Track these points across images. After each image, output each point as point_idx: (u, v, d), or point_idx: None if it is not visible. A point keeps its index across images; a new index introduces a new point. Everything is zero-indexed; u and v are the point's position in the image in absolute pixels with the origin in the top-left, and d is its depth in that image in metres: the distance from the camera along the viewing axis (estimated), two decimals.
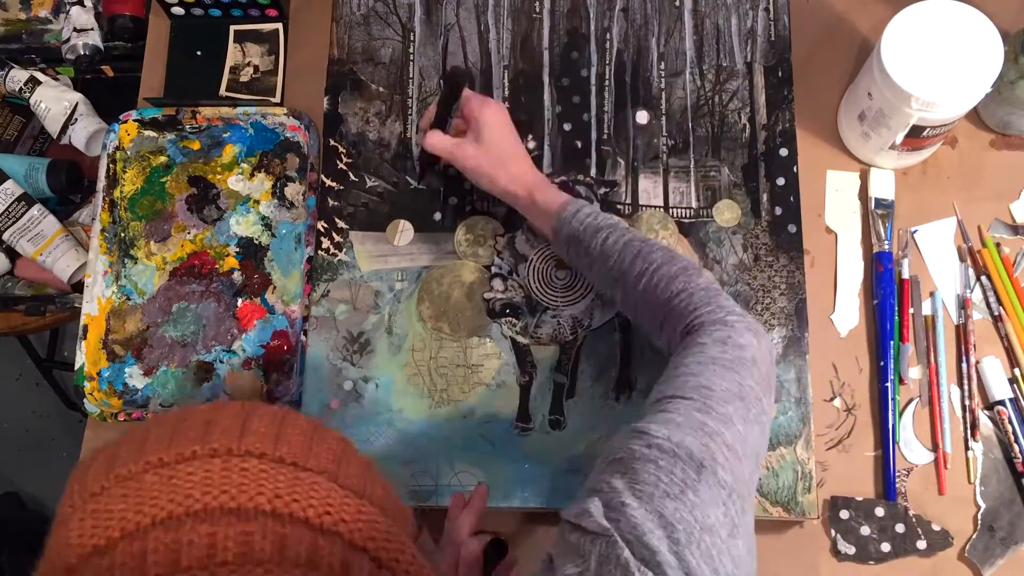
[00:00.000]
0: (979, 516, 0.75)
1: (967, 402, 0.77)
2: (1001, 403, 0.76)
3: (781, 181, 0.82)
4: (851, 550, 0.75)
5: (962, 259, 0.81)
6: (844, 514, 0.75)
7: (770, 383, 0.58)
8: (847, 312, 0.81)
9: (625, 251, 0.65)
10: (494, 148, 0.72)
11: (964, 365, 0.78)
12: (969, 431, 0.77)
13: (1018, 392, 0.77)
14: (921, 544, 0.74)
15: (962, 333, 0.79)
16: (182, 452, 0.35)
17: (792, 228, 0.81)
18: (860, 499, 0.75)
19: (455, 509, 0.71)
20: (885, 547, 0.74)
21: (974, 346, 0.78)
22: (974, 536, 0.75)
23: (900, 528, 0.74)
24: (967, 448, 0.77)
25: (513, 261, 0.81)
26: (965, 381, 0.78)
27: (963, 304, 0.80)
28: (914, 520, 0.75)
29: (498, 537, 0.71)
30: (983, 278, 0.80)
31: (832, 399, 0.79)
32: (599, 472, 0.52)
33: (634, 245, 0.65)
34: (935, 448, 0.77)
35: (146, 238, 0.86)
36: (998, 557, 0.74)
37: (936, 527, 0.75)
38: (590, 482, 0.52)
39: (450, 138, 0.74)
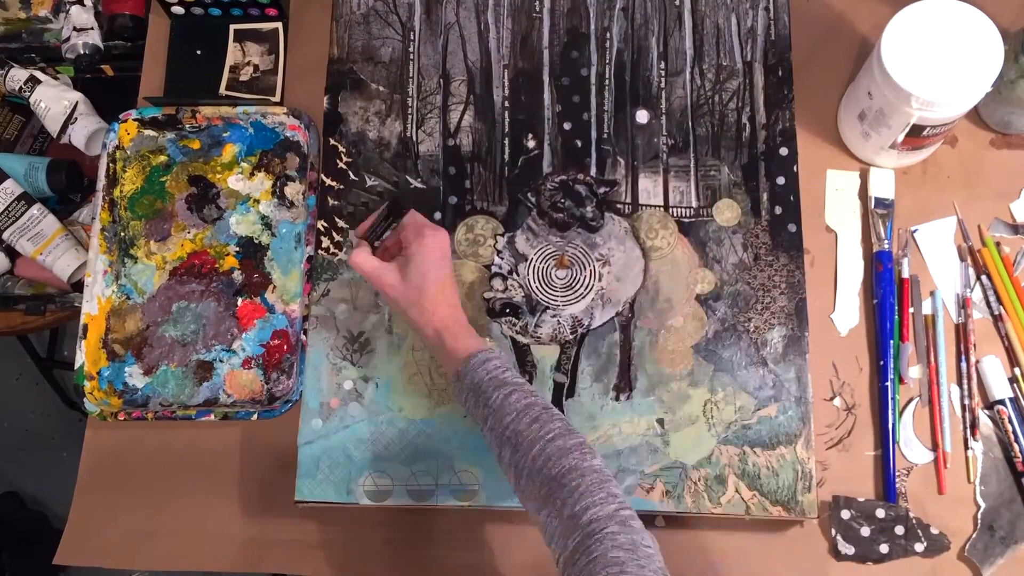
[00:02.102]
0: (979, 515, 0.75)
1: (967, 401, 0.77)
2: (1001, 402, 0.76)
3: (781, 180, 0.82)
4: (851, 550, 0.74)
5: (962, 258, 0.81)
6: (845, 514, 0.75)
7: None
8: (847, 311, 0.81)
9: (525, 412, 0.63)
10: (416, 281, 0.68)
11: (964, 365, 0.78)
12: (969, 430, 0.77)
13: (1018, 392, 0.77)
14: (919, 547, 0.74)
15: (962, 332, 0.79)
16: None
17: (792, 227, 0.81)
18: (862, 499, 0.75)
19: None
20: (883, 548, 0.74)
21: (974, 345, 0.78)
22: (974, 535, 0.75)
23: (900, 530, 0.74)
24: (967, 447, 0.77)
25: (513, 261, 0.81)
26: (965, 380, 0.78)
27: (963, 303, 0.80)
28: (914, 522, 0.75)
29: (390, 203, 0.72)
30: (983, 277, 0.80)
31: (832, 398, 0.79)
32: None
33: (535, 409, 0.63)
34: (935, 448, 0.77)
35: (146, 237, 0.86)
36: (998, 556, 0.74)
37: (935, 531, 0.75)
38: None
39: (376, 261, 0.70)
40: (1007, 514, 0.75)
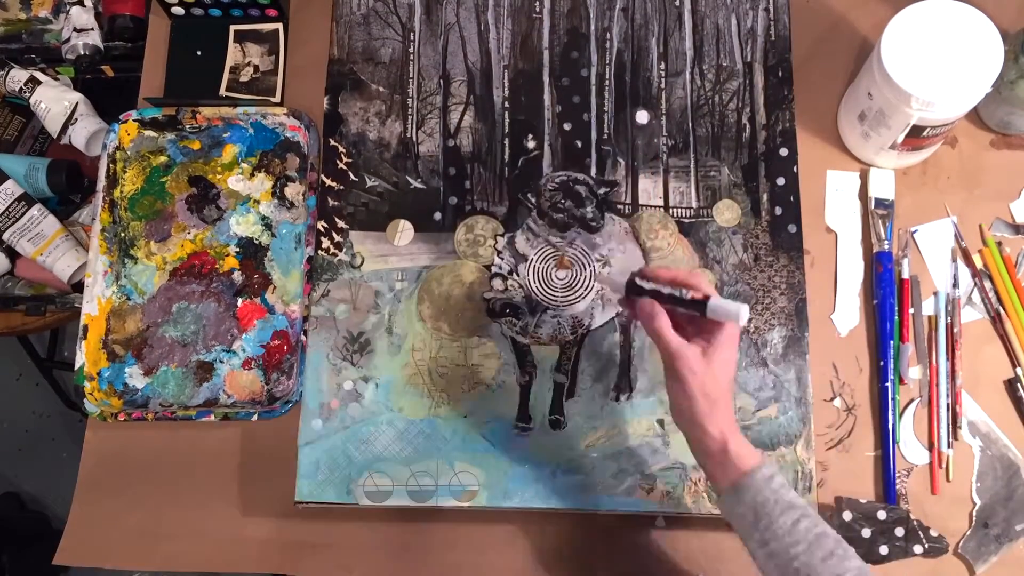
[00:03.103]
0: (974, 512, 0.75)
1: (948, 400, 0.77)
2: None
3: (781, 181, 0.82)
4: None
5: (953, 259, 0.81)
6: (847, 516, 0.75)
7: None
8: (847, 312, 0.81)
9: (818, 545, 0.58)
10: (718, 369, 0.61)
11: (948, 364, 0.78)
12: (950, 430, 0.76)
13: (1019, 392, 0.77)
14: (918, 549, 0.74)
15: (948, 333, 0.79)
16: None
17: (792, 228, 0.81)
18: (864, 501, 0.75)
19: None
20: (883, 550, 0.74)
21: (960, 346, 0.78)
22: (968, 532, 0.75)
23: (900, 532, 0.74)
24: (947, 446, 0.76)
25: (513, 261, 0.81)
26: (947, 380, 0.78)
27: (952, 303, 0.79)
28: (915, 524, 0.75)
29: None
30: (984, 278, 0.80)
31: (832, 399, 0.79)
32: None
33: (828, 542, 0.58)
34: (930, 447, 0.77)
35: (146, 238, 0.86)
36: (992, 554, 0.74)
37: (935, 533, 0.74)
38: None
39: (680, 337, 0.62)
40: (1003, 511, 0.75)
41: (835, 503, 0.76)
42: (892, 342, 0.78)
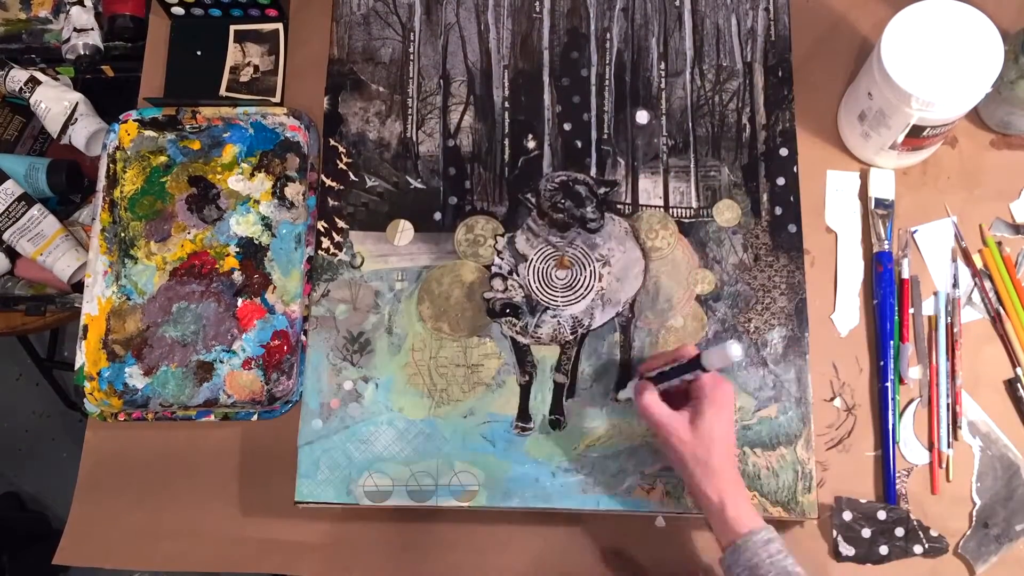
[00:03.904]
0: (974, 512, 0.75)
1: (948, 401, 0.77)
2: None
3: (781, 181, 0.82)
4: (851, 552, 0.74)
5: (953, 259, 0.81)
6: (847, 516, 0.75)
7: None
8: (847, 312, 0.81)
9: None
10: (706, 435, 0.65)
11: (948, 364, 0.78)
12: (951, 430, 0.77)
13: (1019, 392, 0.77)
14: (918, 549, 0.74)
15: (948, 333, 0.79)
16: None
17: (792, 228, 0.81)
18: (864, 501, 0.75)
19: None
20: (883, 550, 0.74)
21: (960, 346, 0.78)
22: (968, 532, 0.75)
23: (900, 532, 0.74)
24: (947, 446, 0.76)
25: (513, 261, 0.81)
26: (947, 381, 0.78)
27: (952, 304, 0.79)
28: (915, 524, 0.75)
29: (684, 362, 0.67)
30: (984, 278, 0.80)
31: (832, 399, 0.79)
32: None
33: None
34: (930, 447, 0.77)
35: (146, 238, 0.86)
36: (992, 554, 0.74)
37: (935, 533, 0.75)
38: None
39: (667, 408, 0.66)
40: (1003, 511, 0.75)
41: (835, 503, 0.76)
42: (892, 342, 0.78)
